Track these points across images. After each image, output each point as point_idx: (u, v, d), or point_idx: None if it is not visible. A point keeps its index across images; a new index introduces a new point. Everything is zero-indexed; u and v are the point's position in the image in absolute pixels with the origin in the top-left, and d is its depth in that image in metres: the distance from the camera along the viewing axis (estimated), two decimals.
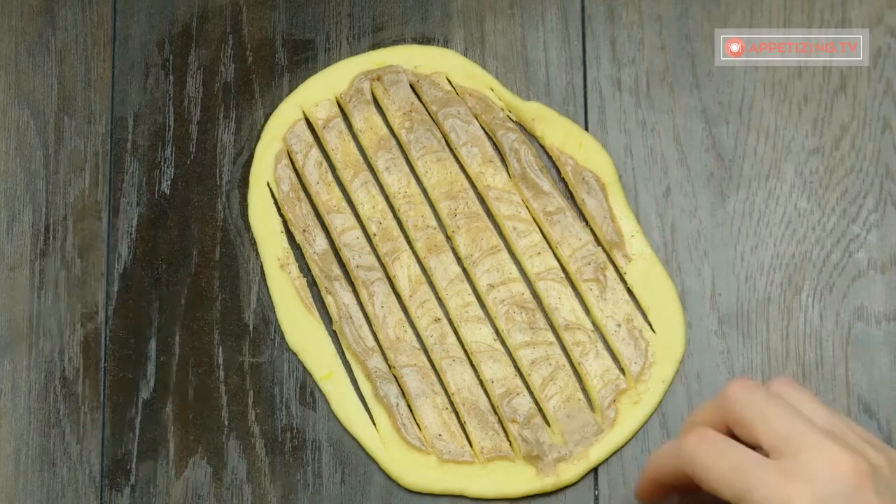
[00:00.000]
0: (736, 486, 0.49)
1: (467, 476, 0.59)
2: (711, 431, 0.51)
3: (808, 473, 0.48)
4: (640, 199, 0.63)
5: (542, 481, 0.58)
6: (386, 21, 0.66)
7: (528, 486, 0.59)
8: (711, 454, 0.50)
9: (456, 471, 0.59)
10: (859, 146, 0.63)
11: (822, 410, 0.51)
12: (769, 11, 0.65)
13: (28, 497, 0.60)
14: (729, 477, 0.49)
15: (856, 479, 0.48)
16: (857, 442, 0.50)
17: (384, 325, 0.61)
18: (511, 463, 0.59)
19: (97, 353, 0.62)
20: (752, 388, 0.51)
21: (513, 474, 0.59)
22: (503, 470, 0.59)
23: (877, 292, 0.61)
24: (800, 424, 0.49)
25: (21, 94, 0.66)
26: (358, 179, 0.64)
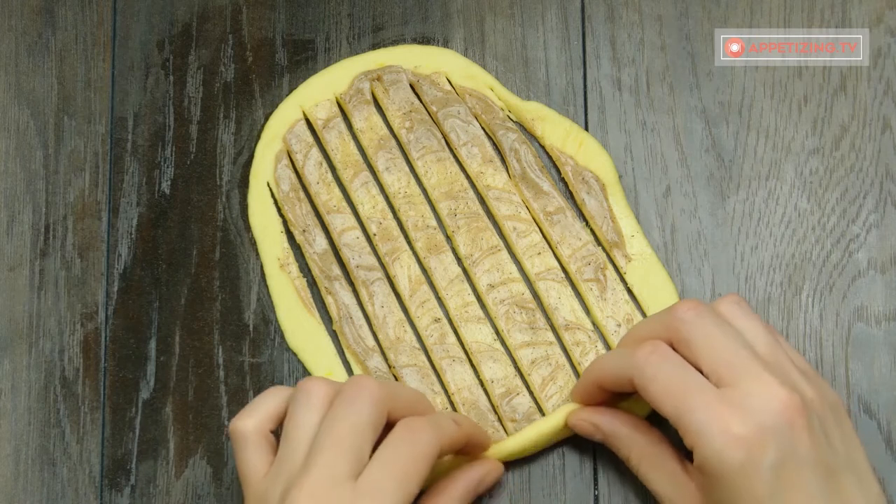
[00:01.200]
0: (677, 404, 0.51)
1: None
2: (665, 346, 0.52)
3: (748, 404, 0.50)
4: (640, 199, 0.63)
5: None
6: (386, 21, 0.66)
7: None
8: (660, 368, 0.52)
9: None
10: (859, 146, 0.63)
11: (764, 337, 0.53)
12: (769, 11, 0.65)
13: (28, 497, 0.60)
14: (672, 393, 0.51)
15: (791, 415, 0.50)
16: (794, 375, 0.52)
17: (384, 325, 0.61)
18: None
19: (97, 353, 0.62)
20: (700, 311, 0.53)
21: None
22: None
23: (877, 292, 0.61)
24: (742, 353, 0.51)
25: (21, 94, 0.66)
26: (358, 179, 0.64)
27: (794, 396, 0.50)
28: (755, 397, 0.50)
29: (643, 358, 0.52)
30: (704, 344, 0.52)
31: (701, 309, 0.53)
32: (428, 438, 0.51)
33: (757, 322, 0.54)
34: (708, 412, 0.50)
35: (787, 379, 0.51)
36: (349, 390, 0.51)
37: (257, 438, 0.52)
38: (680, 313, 0.53)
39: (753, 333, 0.53)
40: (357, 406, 0.51)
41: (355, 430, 0.50)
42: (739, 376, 0.50)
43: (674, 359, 0.52)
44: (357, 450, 0.50)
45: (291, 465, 0.50)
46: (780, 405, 0.50)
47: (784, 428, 0.49)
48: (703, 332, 0.52)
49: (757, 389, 0.50)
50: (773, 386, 0.50)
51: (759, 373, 0.50)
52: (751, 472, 0.49)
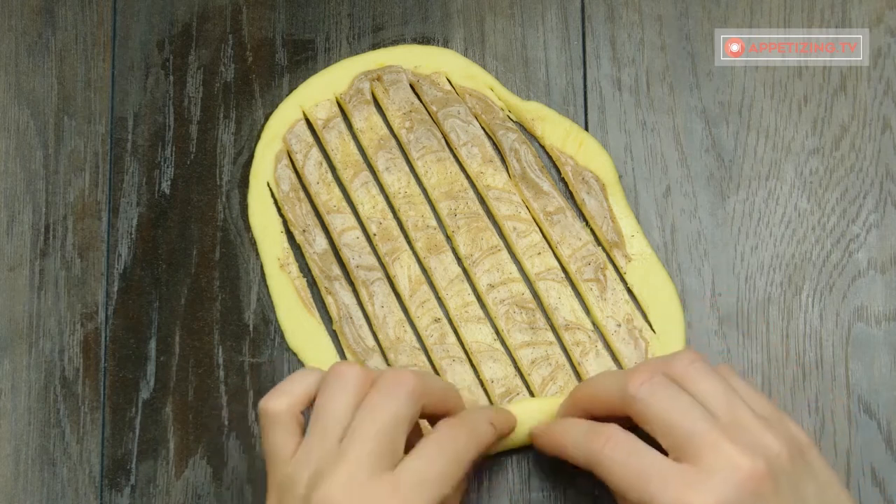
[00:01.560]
0: (639, 491, 0.50)
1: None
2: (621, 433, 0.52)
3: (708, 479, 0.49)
4: (640, 199, 0.63)
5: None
6: (386, 21, 0.66)
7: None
8: (617, 457, 0.51)
9: None
10: (859, 146, 0.63)
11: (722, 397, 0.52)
12: (769, 11, 0.65)
13: (28, 497, 0.60)
14: (633, 481, 0.50)
15: (755, 485, 0.49)
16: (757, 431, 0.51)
17: (384, 325, 0.61)
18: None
19: (97, 353, 0.62)
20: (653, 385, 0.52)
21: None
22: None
23: (877, 292, 0.61)
24: (700, 426, 0.50)
25: (21, 94, 0.66)
26: (358, 179, 0.64)
27: (758, 463, 0.49)
28: (716, 472, 0.49)
29: (599, 448, 0.52)
30: (660, 421, 0.51)
31: (654, 382, 0.52)
32: (467, 444, 0.52)
33: (712, 379, 0.52)
34: (667, 494, 0.49)
35: (750, 441, 0.50)
36: (388, 381, 0.51)
37: (288, 419, 0.52)
38: (632, 390, 0.52)
39: (711, 396, 0.52)
40: (396, 399, 0.51)
41: (393, 422, 0.50)
42: (699, 450, 0.49)
43: (629, 444, 0.51)
44: (393, 443, 0.50)
45: (323, 450, 0.50)
46: (743, 477, 0.49)
47: (749, 500, 0.48)
48: (657, 409, 0.51)
49: (717, 463, 0.49)
50: (733, 456, 0.49)
51: (718, 443, 0.49)
52: None
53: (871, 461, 0.59)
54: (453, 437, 0.52)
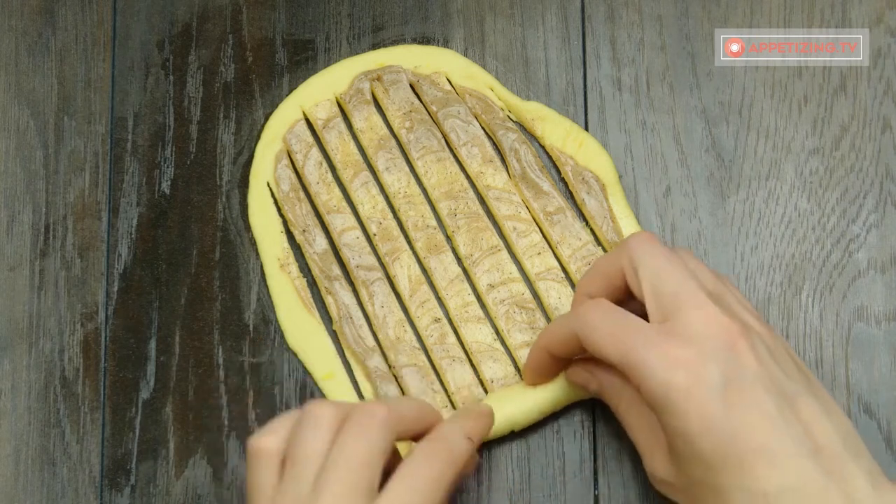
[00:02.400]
0: (619, 345, 0.51)
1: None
2: (602, 300, 0.53)
3: (688, 332, 0.50)
4: (640, 199, 0.63)
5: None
6: (386, 21, 0.66)
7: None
8: (600, 316, 0.52)
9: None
10: (859, 146, 0.63)
11: (712, 277, 0.53)
12: (769, 11, 0.65)
13: (28, 497, 0.60)
14: (614, 337, 0.51)
15: (732, 337, 0.50)
16: (739, 309, 0.52)
17: (384, 325, 0.61)
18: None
19: (97, 353, 0.62)
20: (653, 242, 0.53)
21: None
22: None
23: (877, 292, 0.61)
24: (688, 284, 0.51)
25: (21, 94, 0.66)
26: (358, 179, 0.64)
27: (736, 321, 0.50)
28: (695, 323, 0.50)
29: (585, 312, 0.53)
30: (651, 274, 0.52)
31: (654, 241, 0.53)
32: (446, 466, 0.51)
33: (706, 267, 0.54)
34: (648, 346, 0.50)
35: (732, 309, 0.52)
36: (359, 416, 0.51)
37: (274, 459, 0.51)
38: (631, 243, 0.53)
39: (702, 274, 0.53)
40: (368, 433, 0.50)
41: (367, 457, 0.50)
42: (682, 305, 0.51)
43: (614, 310, 0.52)
44: (369, 479, 0.49)
45: (298, 490, 0.50)
46: (721, 329, 0.50)
47: (725, 349, 0.49)
48: (652, 262, 0.52)
49: (698, 317, 0.50)
50: (714, 313, 0.50)
51: (701, 302, 0.50)
52: (697, 392, 0.49)
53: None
54: (431, 462, 0.51)
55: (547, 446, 0.60)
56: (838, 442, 0.49)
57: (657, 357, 0.50)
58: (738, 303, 0.53)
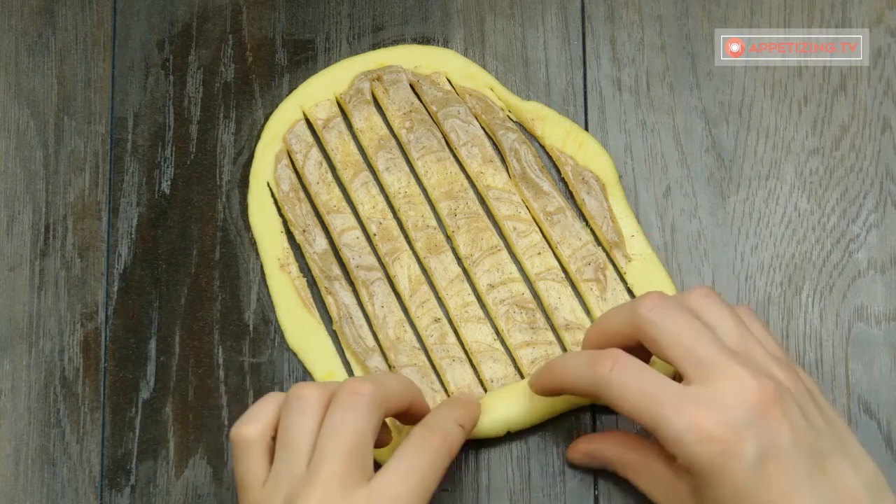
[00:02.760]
0: (650, 415, 0.50)
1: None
2: (625, 357, 0.52)
3: (719, 401, 0.49)
4: (640, 199, 0.63)
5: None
6: (386, 21, 0.66)
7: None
8: (626, 382, 0.51)
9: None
10: (859, 146, 0.63)
11: (734, 328, 0.52)
12: (769, 11, 0.65)
13: (28, 497, 0.60)
14: (643, 406, 0.51)
15: (763, 404, 0.50)
16: (767, 362, 0.52)
17: (384, 325, 0.61)
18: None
19: (97, 353, 0.62)
20: (665, 308, 0.52)
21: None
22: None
23: (877, 292, 0.61)
24: (711, 348, 0.51)
25: (21, 94, 0.66)
26: (358, 179, 0.64)
27: (767, 385, 0.50)
28: (726, 393, 0.50)
29: (606, 373, 0.52)
30: (671, 342, 0.51)
31: (666, 305, 0.52)
32: (440, 452, 0.52)
33: (725, 312, 0.53)
34: (680, 418, 0.49)
35: (759, 368, 0.51)
36: (346, 396, 0.51)
37: (258, 445, 0.52)
38: (644, 312, 0.52)
39: (722, 325, 0.52)
40: (356, 412, 0.50)
41: (357, 437, 0.50)
42: (709, 372, 0.50)
43: (638, 369, 0.51)
44: (361, 457, 0.50)
45: (292, 473, 0.50)
46: (753, 397, 0.49)
47: (759, 419, 0.49)
48: (669, 331, 0.51)
49: (727, 385, 0.50)
50: (743, 378, 0.50)
51: (728, 366, 0.50)
52: (731, 468, 0.49)
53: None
54: (426, 447, 0.51)
55: (547, 446, 0.60)
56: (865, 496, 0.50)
57: (691, 431, 0.49)
58: (762, 352, 0.52)
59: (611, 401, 0.52)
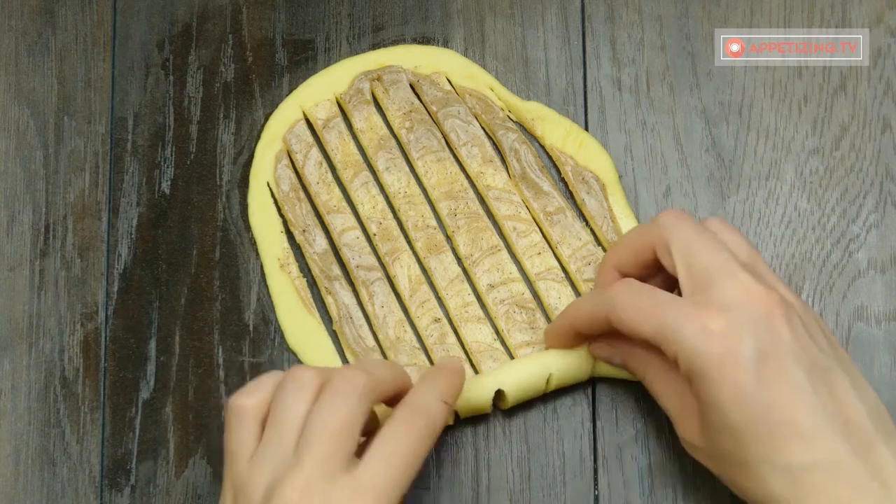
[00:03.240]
0: (652, 319, 0.51)
1: None
2: (633, 280, 0.53)
3: (722, 302, 0.50)
4: (640, 199, 0.63)
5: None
6: (386, 21, 0.66)
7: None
8: (631, 294, 0.52)
9: None
10: (859, 146, 0.63)
11: (747, 248, 0.53)
12: (769, 11, 0.65)
13: (28, 497, 0.60)
14: (646, 311, 0.51)
15: (768, 307, 0.50)
16: (773, 280, 0.52)
17: (384, 325, 0.61)
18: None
19: (97, 353, 0.62)
20: (683, 218, 0.53)
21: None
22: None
23: (877, 292, 0.61)
24: (720, 256, 0.51)
25: (21, 94, 0.66)
26: (358, 179, 0.64)
27: (772, 293, 0.50)
28: (730, 294, 0.50)
29: (615, 293, 0.53)
30: (683, 249, 0.52)
31: (683, 216, 0.53)
32: (425, 433, 0.52)
33: (740, 237, 0.54)
34: (682, 317, 0.50)
35: (765, 279, 0.51)
36: (338, 383, 0.51)
37: (252, 418, 0.52)
38: (662, 219, 0.53)
39: (735, 245, 0.53)
40: (347, 399, 0.50)
41: (346, 423, 0.50)
42: (715, 277, 0.51)
43: (644, 287, 0.53)
44: (348, 444, 0.50)
45: (278, 453, 0.50)
46: (756, 299, 0.50)
47: (761, 319, 0.49)
48: (682, 236, 0.52)
49: (733, 287, 0.50)
50: (749, 284, 0.50)
51: (735, 272, 0.51)
52: (730, 363, 0.49)
53: None
54: (410, 429, 0.51)
55: (547, 446, 0.60)
56: (868, 420, 0.49)
57: (691, 328, 0.50)
58: (772, 275, 0.53)
59: (616, 314, 0.52)
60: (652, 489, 0.59)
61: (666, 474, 0.59)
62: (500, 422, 0.60)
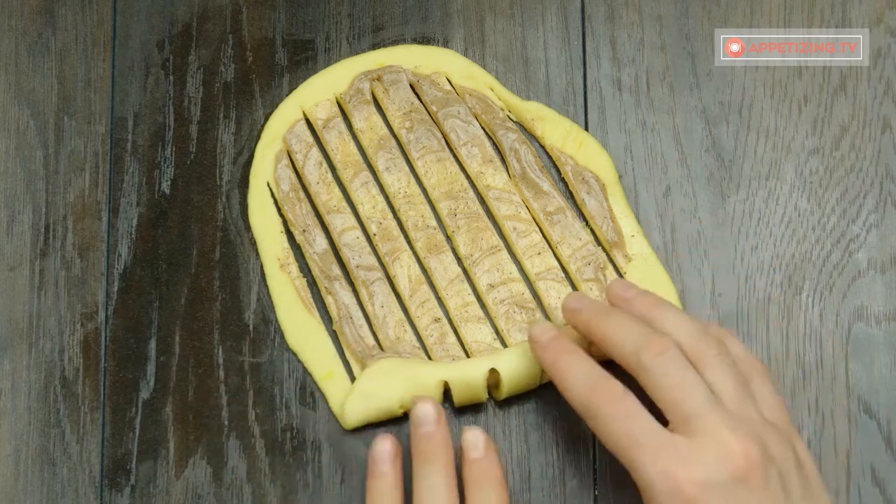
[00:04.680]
0: (629, 456, 0.50)
1: None
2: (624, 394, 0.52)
3: (699, 458, 0.49)
4: (640, 199, 0.63)
5: None
6: (386, 21, 0.66)
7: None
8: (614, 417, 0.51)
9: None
10: (859, 146, 0.63)
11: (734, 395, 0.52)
12: (769, 11, 0.65)
13: (28, 497, 0.60)
14: (624, 445, 0.50)
15: (743, 470, 0.49)
16: (758, 428, 0.51)
17: (384, 324, 0.61)
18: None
19: (97, 353, 0.62)
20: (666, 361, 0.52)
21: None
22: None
23: (877, 292, 0.61)
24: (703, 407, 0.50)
25: (21, 94, 0.66)
26: (358, 179, 0.64)
27: (751, 451, 0.49)
28: (706, 451, 0.49)
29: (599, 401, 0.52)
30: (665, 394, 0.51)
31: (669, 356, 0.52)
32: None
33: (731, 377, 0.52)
34: (656, 464, 0.49)
35: (749, 432, 0.50)
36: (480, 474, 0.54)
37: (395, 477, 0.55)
38: (646, 359, 0.52)
39: (724, 388, 0.52)
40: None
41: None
42: (696, 429, 0.50)
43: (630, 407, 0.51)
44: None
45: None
46: (733, 461, 0.49)
47: (734, 485, 0.48)
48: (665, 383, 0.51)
49: (710, 443, 0.49)
50: (728, 441, 0.49)
51: (714, 426, 0.49)
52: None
53: (871, 461, 0.59)
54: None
55: (547, 446, 0.60)
56: None
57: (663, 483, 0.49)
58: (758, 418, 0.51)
59: (594, 429, 0.52)
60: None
61: None
62: (500, 422, 0.60)
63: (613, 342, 0.54)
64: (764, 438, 0.50)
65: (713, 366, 0.52)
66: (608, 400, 0.51)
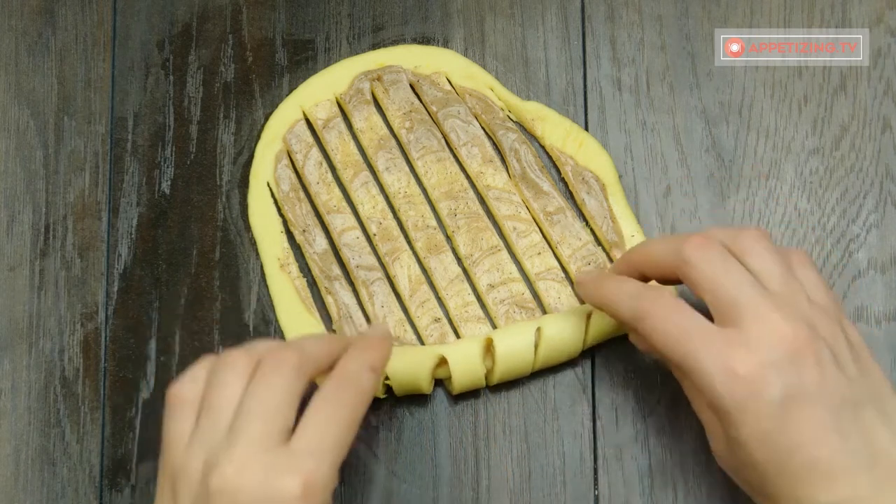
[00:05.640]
0: (681, 349, 0.51)
1: None
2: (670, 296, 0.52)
3: (751, 342, 0.50)
4: (640, 199, 0.63)
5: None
6: (386, 21, 0.66)
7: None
8: (664, 314, 0.52)
9: None
10: (859, 146, 0.63)
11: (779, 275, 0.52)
12: (769, 11, 0.65)
13: (28, 497, 0.60)
14: (675, 339, 0.51)
15: (794, 349, 0.49)
16: (806, 310, 0.51)
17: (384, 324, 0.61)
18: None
19: (97, 353, 0.62)
20: (706, 251, 0.52)
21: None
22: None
23: (877, 292, 0.61)
24: (748, 292, 0.51)
25: (21, 94, 0.66)
26: (358, 179, 0.64)
27: (800, 330, 0.50)
28: (757, 335, 0.50)
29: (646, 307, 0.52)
30: (709, 285, 0.51)
31: (707, 248, 0.52)
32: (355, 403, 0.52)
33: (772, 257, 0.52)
34: (709, 354, 0.50)
35: (797, 314, 0.50)
36: (271, 364, 0.51)
37: (191, 407, 0.52)
38: (686, 253, 0.52)
39: (767, 270, 0.52)
40: (280, 380, 0.50)
41: (281, 400, 0.50)
42: (743, 316, 0.50)
43: (678, 305, 0.52)
44: (284, 418, 0.50)
45: (213, 435, 0.50)
46: (784, 341, 0.49)
47: (788, 363, 0.49)
48: (708, 273, 0.52)
49: (760, 327, 0.50)
50: (777, 322, 0.50)
51: (763, 310, 0.50)
52: (755, 408, 0.49)
53: None
54: (340, 399, 0.51)
55: (547, 446, 0.60)
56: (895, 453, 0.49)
57: (718, 367, 0.49)
58: (805, 299, 0.52)
59: (645, 332, 0.52)
60: (652, 489, 0.59)
61: (666, 474, 0.59)
62: (500, 421, 0.60)
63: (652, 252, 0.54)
64: (812, 320, 0.51)
65: (756, 252, 0.53)
66: (657, 300, 0.52)
